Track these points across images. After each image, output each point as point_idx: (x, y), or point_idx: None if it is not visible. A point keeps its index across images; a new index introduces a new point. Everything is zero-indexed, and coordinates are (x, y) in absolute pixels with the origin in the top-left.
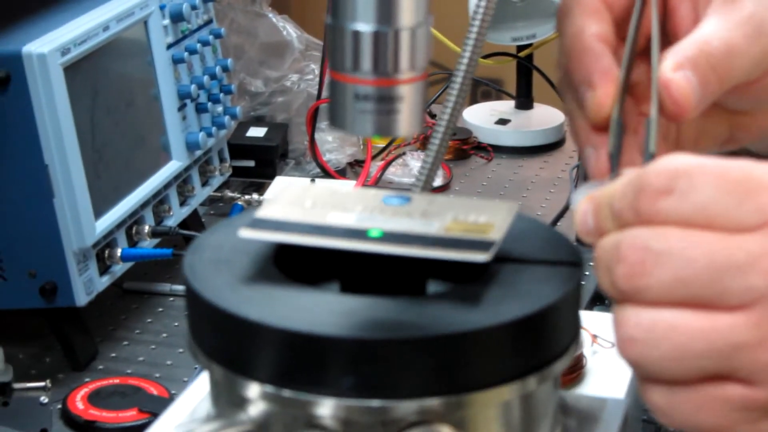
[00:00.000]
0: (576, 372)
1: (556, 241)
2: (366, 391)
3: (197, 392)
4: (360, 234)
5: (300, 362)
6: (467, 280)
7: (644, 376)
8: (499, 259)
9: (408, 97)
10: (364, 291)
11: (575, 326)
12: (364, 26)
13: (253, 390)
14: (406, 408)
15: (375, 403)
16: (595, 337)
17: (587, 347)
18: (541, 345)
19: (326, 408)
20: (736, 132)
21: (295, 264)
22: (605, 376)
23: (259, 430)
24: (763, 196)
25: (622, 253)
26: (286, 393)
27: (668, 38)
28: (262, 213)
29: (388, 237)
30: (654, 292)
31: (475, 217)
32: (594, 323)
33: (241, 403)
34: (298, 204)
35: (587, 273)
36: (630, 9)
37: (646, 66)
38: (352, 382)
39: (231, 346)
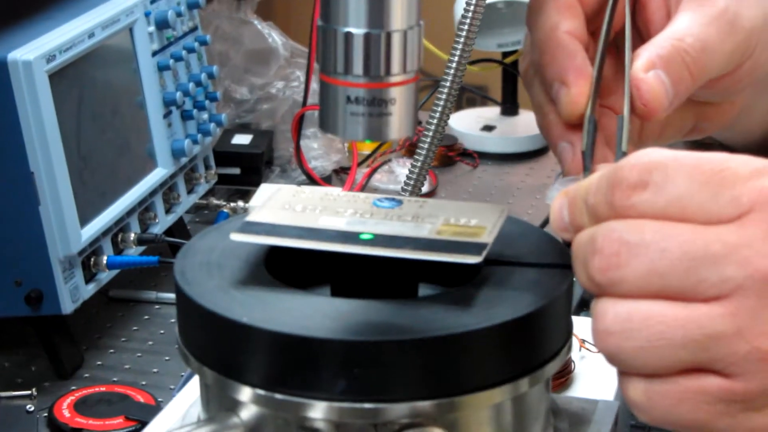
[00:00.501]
0: (564, 377)
1: (547, 244)
2: (358, 393)
3: (187, 397)
4: (352, 237)
5: (292, 365)
6: (458, 283)
7: (622, 370)
8: (491, 261)
9: (400, 99)
10: (356, 294)
11: (567, 328)
12: (356, 29)
13: (245, 393)
14: (398, 410)
15: (367, 405)
16: (583, 341)
17: (575, 352)
18: (533, 347)
19: (318, 411)
20: (701, 122)
21: (286, 268)
22: (593, 381)
23: None
24: (738, 188)
25: (597, 245)
26: (278, 396)
27: (639, 34)
28: (253, 216)
29: (380, 240)
30: (629, 284)
31: (466, 219)
32: (582, 328)
33: (233, 406)
34: (289, 208)
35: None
36: (600, 3)
37: (612, 59)
38: (344, 384)
39: (222, 350)
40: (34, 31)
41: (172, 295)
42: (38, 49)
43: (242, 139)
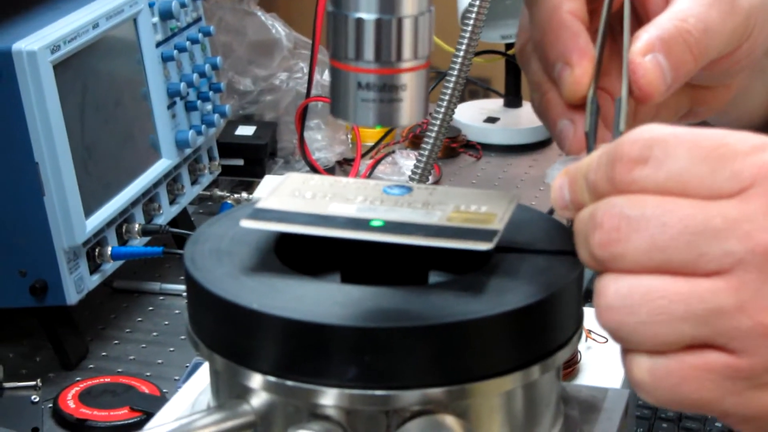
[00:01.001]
0: (571, 367)
1: (558, 231)
2: (369, 380)
3: (196, 385)
4: (362, 224)
5: (303, 352)
6: (468, 270)
7: (626, 347)
8: (501, 248)
9: (411, 85)
10: (366, 281)
11: (577, 316)
12: (367, 14)
13: (256, 380)
14: (409, 397)
15: (378, 392)
16: (589, 332)
17: (581, 343)
18: (544, 334)
19: (329, 398)
20: (696, 106)
21: (296, 255)
22: (600, 371)
23: (261, 421)
24: (738, 163)
25: (598, 220)
26: (289, 383)
27: (636, 15)
28: (263, 203)
29: (390, 227)
30: (630, 259)
31: (477, 207)
32: (588, 319)
33: (243, 393)
34: (299, 195)
35: None
36: None
37: (607, 40)
38: (355, 371)
39: (233, 337)
40: (39, 22)
41: (176, 286)
42: (43, 39)
43: (246, 131)
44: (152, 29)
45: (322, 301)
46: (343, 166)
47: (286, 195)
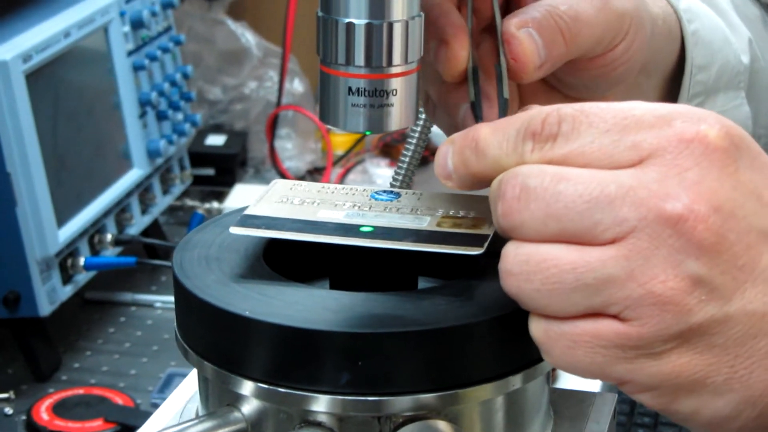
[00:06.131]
0: (553, 369)
1: None
2: (361, 386)
3: (184, 394)
4: (352, 229)
5: (294, 358)
6: (458, 275)
7: (528, 309)
8: (490, 253)
9: (401, 90)
10: (355, 287)
11: None
12: (357, 19)
13: (247, 387)
14: (401, 403)
15: (370, 398)
16: None
17: None
18: None
19: (321, 404)
20: None
21: (285, 261)
22: None
23: (252, 428)
24: (640, 134)
25: (501, 190)
26: (281, 389)
27: (509, 7)
28: (252, 210)
29: (380, 232)
30: (528, 228)
31: (466, 211)
32: None
33: (234, 401)
34: (287, 201)
35: None
36: None
37: (494, 41)
38: (347, 377)
39: (223, 344)
40: (10, 31)
41: (148, 297)
42: (14, 48)
43: (216, 140)
44: (123, 38)
45: (313, 307)
46: (313, 174)
47: (275, 201)
